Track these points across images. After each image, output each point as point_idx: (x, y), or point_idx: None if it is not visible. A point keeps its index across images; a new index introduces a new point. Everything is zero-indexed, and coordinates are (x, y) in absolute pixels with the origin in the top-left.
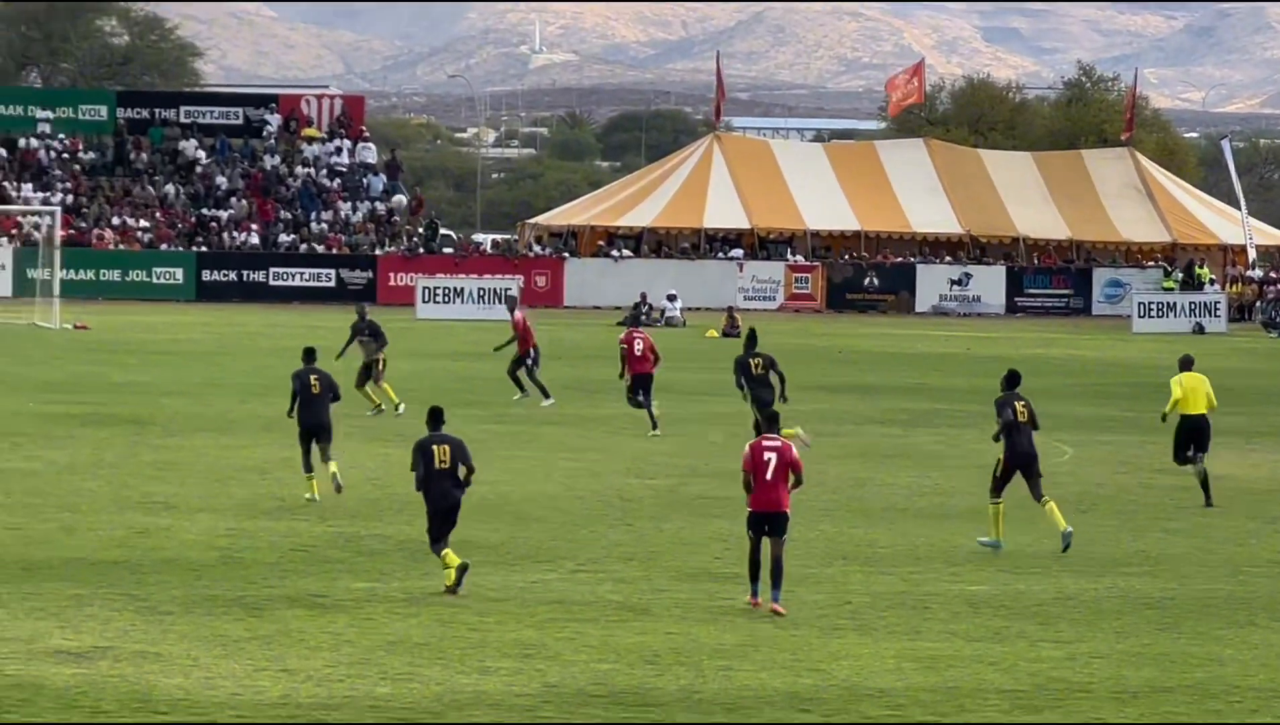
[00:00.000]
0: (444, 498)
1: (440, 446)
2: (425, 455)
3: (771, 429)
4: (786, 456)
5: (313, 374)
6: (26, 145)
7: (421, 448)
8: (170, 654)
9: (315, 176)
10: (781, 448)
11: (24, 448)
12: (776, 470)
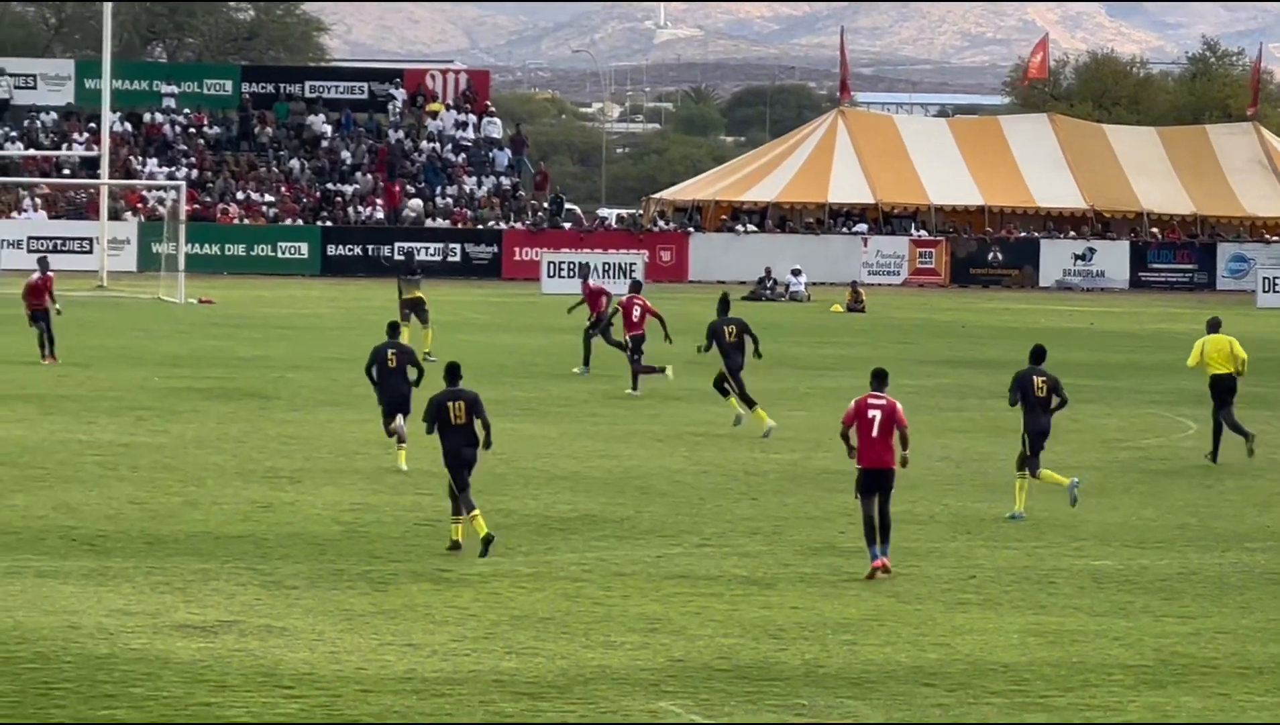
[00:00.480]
0: (455, 453)
1: (455, 403)
2: (439, 411)
3: (879, 387)
4: (892, 414)
5: (391, 349)
6: (152, 120)
7: (436, 403)
8: (295, 628)
9: (440, 151)
10: (886, 405)
11: (149, 422)
12: (882, 427)
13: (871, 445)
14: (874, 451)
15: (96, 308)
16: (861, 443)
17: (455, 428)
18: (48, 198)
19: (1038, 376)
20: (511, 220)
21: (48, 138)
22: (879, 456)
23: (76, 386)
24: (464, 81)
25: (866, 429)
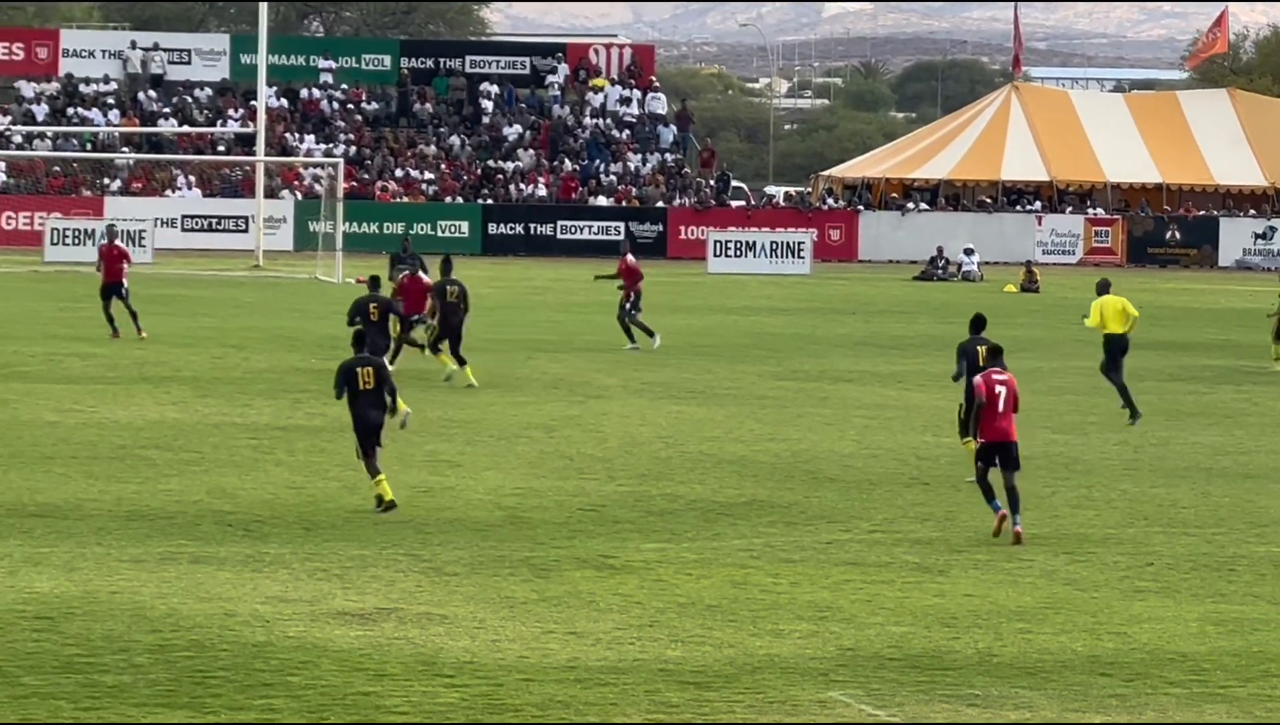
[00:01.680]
0: (362, 418)
1: (364, 368)
2: (348, 377)
3: (997, 362)
4: (1013, 389)
5: (373, 302)
6: (309, 96)
7: (345, 369)
8: (456, 616)
9: (604, 127)
10: (1009, 380)
11: (306, 405)
12: (1006, 401)
13: (996, 419)
14: (998, 424)
15: (252, 288)
16: (988, 416)
17: (364, 392)
18: (202, 175)
19: (980, 346)
20: (677, 198)
21: (202, 114)
22: (1003, 430)
23: (232, 368)
24: (628, 56)
25: (993, 404)
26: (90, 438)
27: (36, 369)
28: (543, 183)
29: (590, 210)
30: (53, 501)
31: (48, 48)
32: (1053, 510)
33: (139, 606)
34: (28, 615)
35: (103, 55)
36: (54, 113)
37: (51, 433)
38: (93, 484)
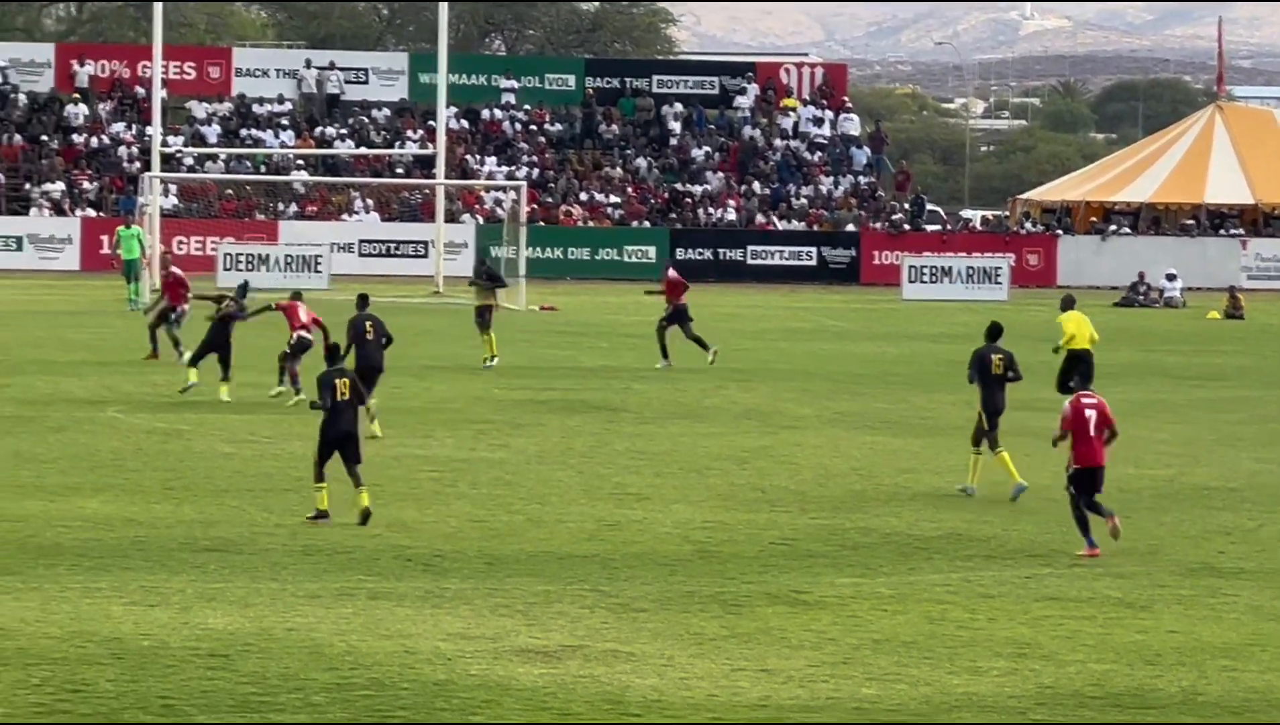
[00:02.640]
0: (338, 428)
1: (341, 379)
2: (329, 388)
3: (1085, 386)
4: (1104, 412)
5: (368, 320)
6: (490, 116)
7: (325, 381)
8: (643, 653)
9: (795, 149)
10: (1099, 404)
11: (489, 436)
12: (1097, 426)
13: (1089, 443)
14: (1089, 449)
15: (432, 315)
16: (1079, 441)
17: (342, 403)
18: (380, 199)
19: (994, 354)
20: (870, 222)
21: (380, 135)
22: (1095, 455)
23: (412, 398)
24: (820, 76)
25: (1084, 429)
26: (266, 470)
27: (210, 399)
28: (732, 206)
29: (781, 235)
30: (227, 535)
31: (220, 66)
32: (1259, 543)
33: (316, 644)
34: (201, 653)
35: (277, 74)
36: (226, 134)
37: (226, 465)
38: (268, 517)
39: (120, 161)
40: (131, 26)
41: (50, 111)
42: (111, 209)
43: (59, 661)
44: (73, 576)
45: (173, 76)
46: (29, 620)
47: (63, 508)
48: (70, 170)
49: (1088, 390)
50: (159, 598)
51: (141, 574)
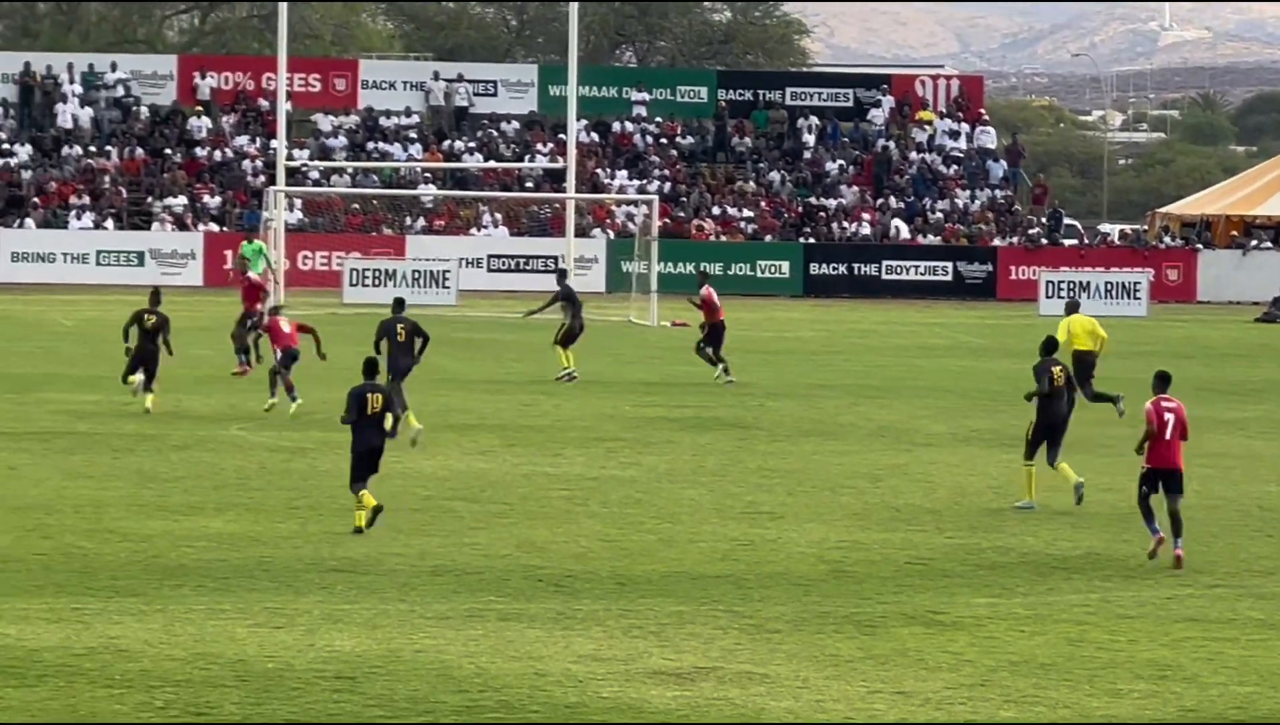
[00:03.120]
0: (367, 442)
1: (374, 395)
2: (360, 403)
3: (1165, 389)
4: (1181, 417)
5: (400, 323)
6: (621, 129)
7: (357, 395)
8: (778, 675)
9: (930, 162)
10: (1177, 408)
11: (620, 454)
12: (1174, 429)
13: (1164, 446)
14: (1165, 451)
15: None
16: (1156, 442)
17: (370, 417)
18: (509, 213)
19: (1055, 367)
20: (1007, 236)
21: (509, 148)
22: (1170, 457)
23: (541, 416)
24: (956, 88)
25: (1162, 430)
26: (393, 489)
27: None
28: (867, 220)
29: (916, 249)
30: (354, 556)
31: (346, 79)
32: None
33: (444, 666)
34: (328, 675)
35: (404, 87)
36: (352, 147)
37: None
38: (396, 537)
39: (244, 175)
40: (255, 38)
41: (173, 124)
42: (235, 223)
43: (183, 684)
44: (197, 597)
45: (298, 89)
46: (153, 642)
47: (186, 527)
48: (193, 184)
49: (1165, 392)
50: (284, 619)
51: (267, 595)
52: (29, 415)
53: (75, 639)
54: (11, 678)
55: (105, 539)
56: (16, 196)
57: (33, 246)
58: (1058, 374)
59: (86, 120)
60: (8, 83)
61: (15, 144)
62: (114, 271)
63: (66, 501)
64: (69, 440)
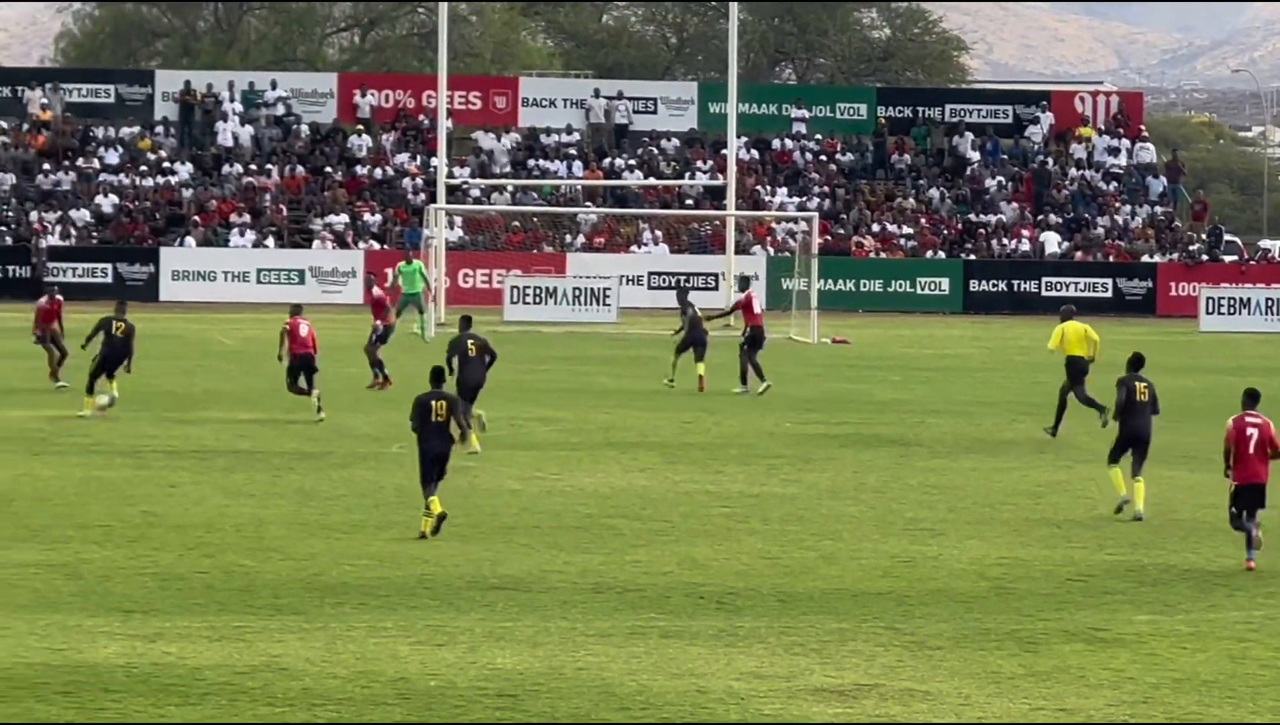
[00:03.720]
0: (432, 447)
1: (438, 402)
2: (424, 410)
3: (1253, 406)
4: (1266, 433)
5: (469, 339)
6: (782, 146)
7: (421, 403)
8: (939, 692)
9: (1090, 179)
10: (1262, 424)
11: (781, 471)
12: (1257, 445)
13: (1249, 462)
14: (1250, 468)
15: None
16: (1240, 459)
17: (435, 425)
18: (669, 230)
19: (1139, 382)
20: (1167, 253)
21: (669, 166)
22: (1254, 472)
23: (703, 433)
24: (1115, 104)
25: (1244, 446)
26: (554, 506)
27: (497, 434)
28: (1026, 237)
29: (1076, 266)
30: (515, 573)
31: (506, 96)
32: None
33: (606, 683)
34: (489, 693)
35: (564, 104)
36: (513, 165)
37: (513, 502)
38: (557, 555)
39: (404, 193)
40: (415, 56)
41: (333, 142)
42: (395, 241)
43: (345, 702)
44: (359, 615)
45: (458, 106)
46: (314, 660)
47: (348, 545)
48: (353, 202)
49: (1253, 409)
50: (446, 637)
51: (428, 613)
52: (190, 434)
53: (237, 657)
54: (175, 696)
55: (267, 557)
56: (177, 215)
57: (193, 265)
58: (1141, 390)
59: (247, 138)
60: (168, 101)
61: (176, 162)
62: (275, 290)
63: (228, 520)
64: (230, 459)
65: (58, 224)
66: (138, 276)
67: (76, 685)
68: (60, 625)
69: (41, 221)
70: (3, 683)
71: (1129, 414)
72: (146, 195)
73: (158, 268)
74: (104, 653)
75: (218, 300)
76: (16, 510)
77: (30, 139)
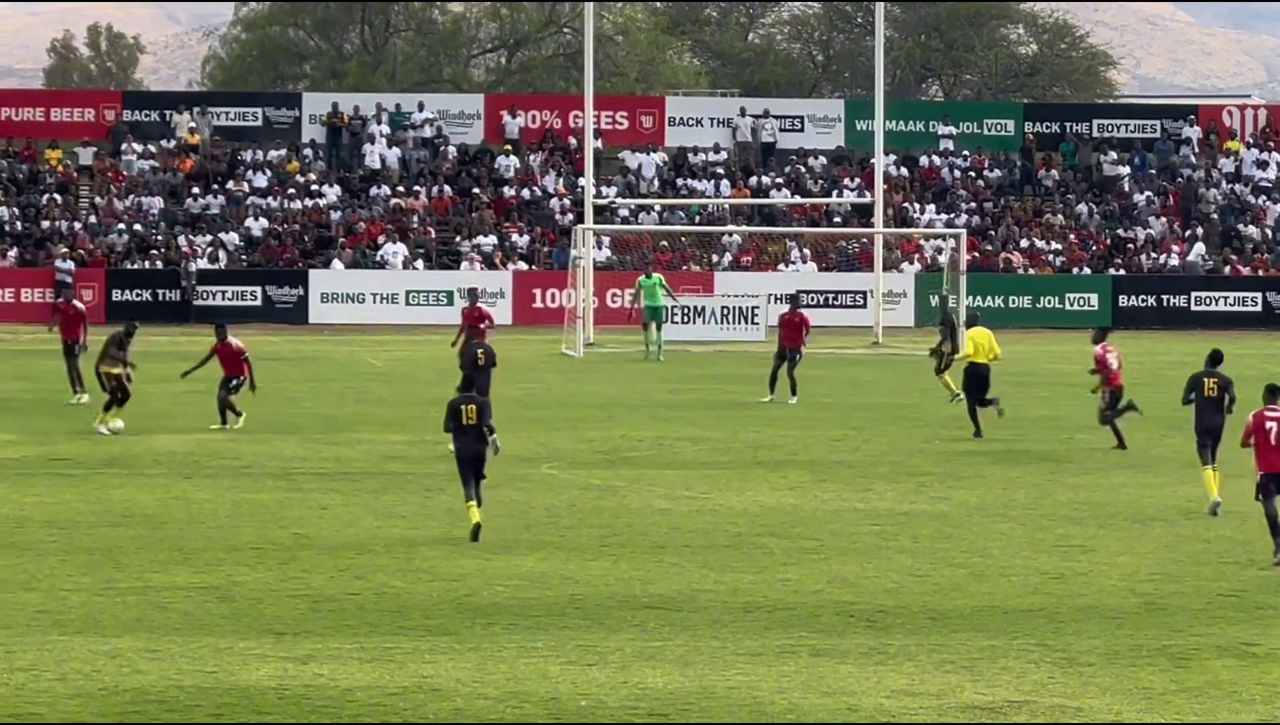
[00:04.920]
0: (466, 448)
1: (468, 406)
2: (455, 414)
3: (1274, 400)
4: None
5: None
6: (929, 163)
7: (452, 407)
8: (1090, 709)
9: (1239, 192)
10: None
11: (930, 488)
12: (1278, 436)
13: (1271, 452)
14: (1273, 457)
15: (871, 366)
16: (1262, 450)
17: (467, 427)
18: (817, 248)
19: (1209, 378)
20: None
21: (816, 183)
22: (1276, 462)
23: (852, 451)
24: (1263, 117)
25: (1265, 438)
26: (704, 525)
27: (646, 454)
28: (1176, 251)
29: (1225, 280)
30: (665, 593)
31: (653, 116)
32: None
33: (757, 702)
34: (640, 712)
35: (711, 123)
36: (661, 184)
37: (663, 521)
38: (707, 574)
39: (552, 213)
40: (562, 76)
41: (480, 163)
42: (543, 262)
43: (496, 723)
44: (509, 636)
45: (605, 126)
46: (465, 680)
47: (498, 566)
48: (501, 223)
49: (1274, 403)
50: (597, 656)
51: (579, 632)
52: (340, 456)
53: (389, 679)
54: (326, 717)
55: (417, 578)
56: (325, 237)
57: (342, 287)
58: (1210, 386)
59: (394, 160)
60: (315, 124)
61: (324, 185)
62: (424, 311)
63: (379, 541)
64: (380, 480)
65: (207, 247)
66: (287, 299)
67: (229, 708)
68: (212, 648)
69: (191, 245)
70: (156, 705)
71: (1199, 410)
72: (295, 217)
73: (307, 290)
74: (256, 675)
75: (367, 322)
76: (168, 533)
77: (179, 163)
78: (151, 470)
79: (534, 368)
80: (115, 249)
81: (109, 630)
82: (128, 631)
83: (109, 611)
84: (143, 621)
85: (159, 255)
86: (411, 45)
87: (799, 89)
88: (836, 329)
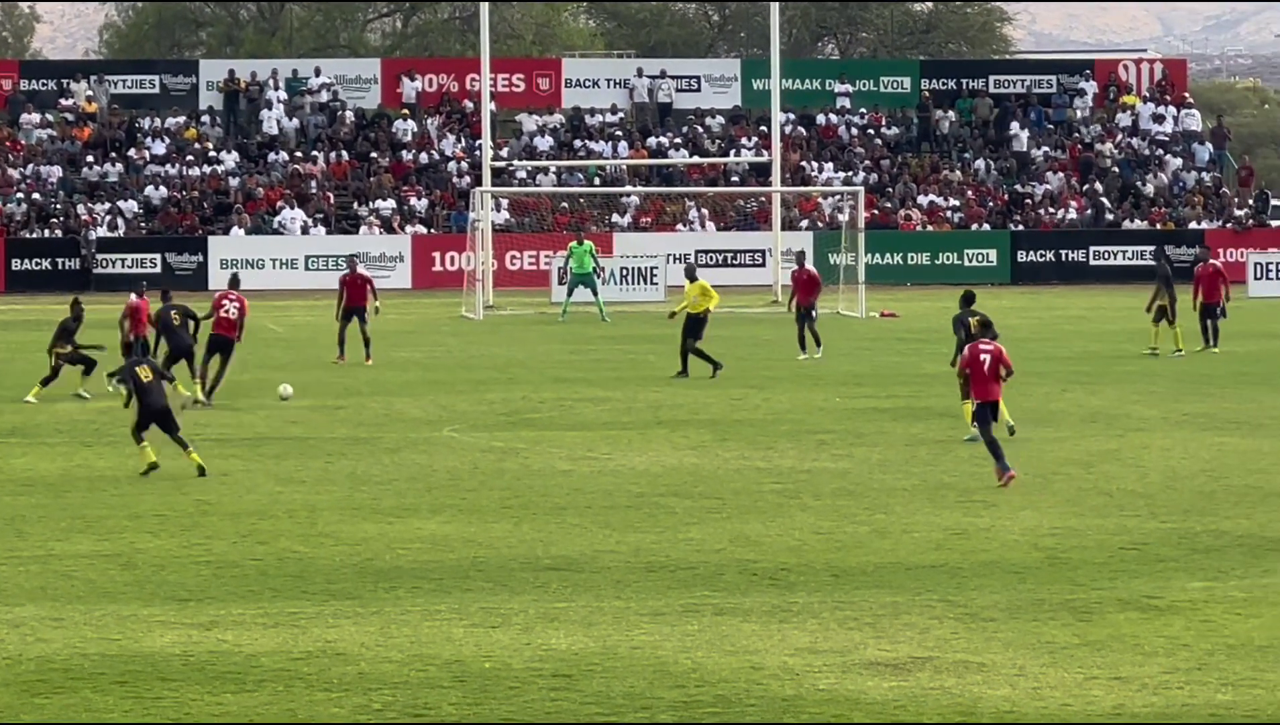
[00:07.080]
0: (151, 406)
1: (142, 367)
2: (133, 374)
3: (986, 333)
4: (998, 356)
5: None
6: (826, 121)
7: (129, 369)
8: (994, 663)
9: (1136, 147)
10: (994, 349)
11: (831, 446)
12: (990, 367)
13: (985, 381)
14: (986, 386)
15: (771, 325)
16: (976, 380)
17: (147, 385)
18: (715, 208)
19: (971, 317)
20: (1214, 219)
21: (714, 143)
22: (988, 391)
23: (753, 410)
24: (1159, 71)
25: (979, 369)
26: (606, 486)
27: (547, 415)
28: (1074, 206)
29: (1123, 234)
30: (568, 554)
31: (549, 78)
32: None
33: (661, 662)
34: (544, 674)
35: (608, 84)
36: (558, 146)
37: (565, 482)
38: (609, 534)
39: (450, 177)
40: (458, 40)
41: (378, 128)
42: (442, 226)
43: (400, 686)
44: (412, 599)
45: (501, 89)
46: (369, 644)
47: (401, 529)
48: (399, 187)
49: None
50: (500, 619)
51: (482, 595)
52: (241, 421)
53: (292, 643)
54: (230, 683)
55: (320, 543)
56: (224, 204)
57: (241, 252)
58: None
59: (291, 126)
60: (212, 90)
61: (222, 151)
62: (323, 276)
63: (281, 507)
64: (281, 446)
65: (106, 216)
66: (186, 266)
67: (133, 675)
68: (116, 615)
69: (90, 213)
70: (59, 674)
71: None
72: (193, 184)
73: (206, 257)
74: (160, 642)
75: (266, 287)
76: (71, 501)
77: (76, 131)
78: (53, 438)
79: (434, 331)
80: (14, 218)
81: (12, 599)
82: (31, 600)
83: (12, 580)
84: (46, 590)
85: (58, 224)
86: (307, 10)
87: (695, 49)
88: (735, 288)
